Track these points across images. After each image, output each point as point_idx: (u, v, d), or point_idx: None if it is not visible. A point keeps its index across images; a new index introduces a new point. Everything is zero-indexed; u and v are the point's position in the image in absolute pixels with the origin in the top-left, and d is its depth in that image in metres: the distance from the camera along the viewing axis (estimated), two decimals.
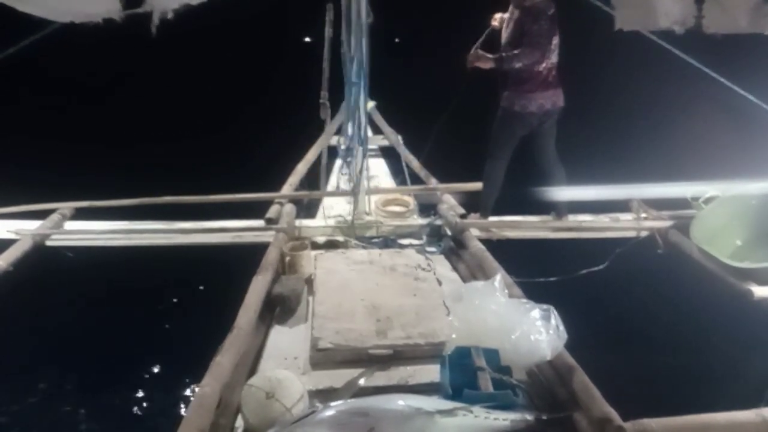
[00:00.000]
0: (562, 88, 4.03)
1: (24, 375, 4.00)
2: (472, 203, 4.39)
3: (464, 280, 3.46)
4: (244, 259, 3.60)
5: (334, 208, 4.43)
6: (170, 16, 2.35)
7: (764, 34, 2.55)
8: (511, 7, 4.02)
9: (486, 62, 3.95)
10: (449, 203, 4.43)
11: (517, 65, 3.88)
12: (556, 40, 3.93)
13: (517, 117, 4.00)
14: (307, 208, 4.42)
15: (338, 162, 4.96)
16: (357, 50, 3.64)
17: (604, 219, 4.41)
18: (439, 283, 3.31)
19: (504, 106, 4.05)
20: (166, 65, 9.11)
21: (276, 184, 4.69)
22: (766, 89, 3.21)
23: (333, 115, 4.67)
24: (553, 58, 3.94)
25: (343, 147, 4.37)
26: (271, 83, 9.19)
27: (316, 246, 3.84)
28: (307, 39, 3.70)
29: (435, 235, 4.11)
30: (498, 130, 4.11)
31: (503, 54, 3.92)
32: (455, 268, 3.64)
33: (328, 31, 3.69)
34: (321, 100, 3.70)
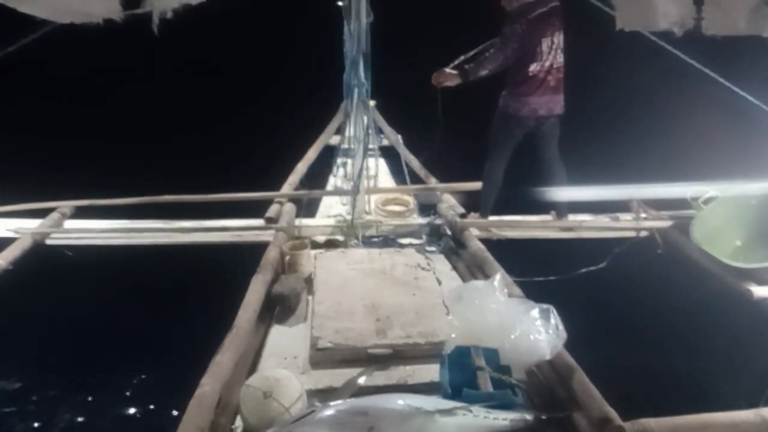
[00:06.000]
0: (562, 95, 3.99)
1: (23, 373, 4.00)
2: (471, 203, 4.39)
3: (464, 279, 3.46)
4: (243, 259, 3.60)
5: (333, 208, 4.43)
6: (169, 15, 2.36)
7: (762, 37, 2.55)
8: None
9: (452, 79, 3.91)
10: (449, 203, 4.44)
11: (483, 73, 3.84)
12: (548, 43, 3.84)
13: (511, 118, 3.99)
14: (307, 208, 4.42)
15: (338, 161, 4.96)
16: (358, 50, 3.65)
17: (603, 219, 4.41)
18: (439, 282, 3.31)
19: (500, 107, 4.04)
20: (165, 64, 9.10)
21: (276, 184, 4.69)
22: (765, 90, 3.21)
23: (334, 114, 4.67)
24: (550, 61, 3.86)
25: (344, 146, 4.38)
26: (271, 83, 9.19)
27: (315, 245, 3.85)
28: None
29: (435, 234, 4.12)
30: (495, 130, 4.11)
31: (466, 66, 3.89)
32: (455, 268, 3.64)
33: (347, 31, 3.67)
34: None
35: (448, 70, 3.94)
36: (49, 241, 3.98)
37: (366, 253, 3.71)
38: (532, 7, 3.81)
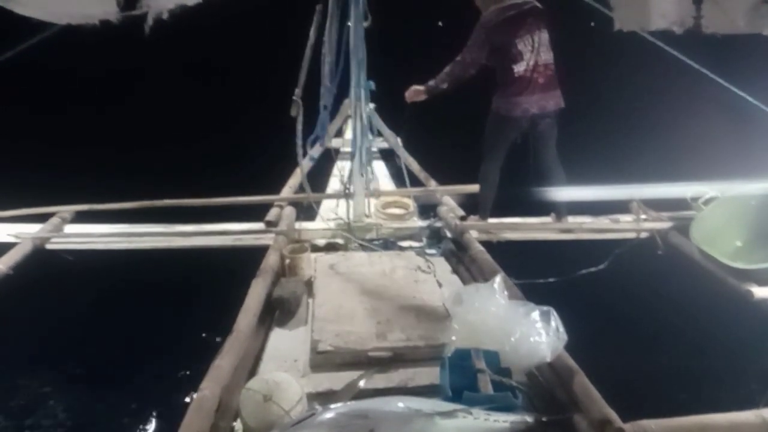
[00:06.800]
0: (555, 91, 3.96)
1: (23, 378, 3.99)
2: (471, 205, 4.39)
3: (464, 282, 3.46)
4: (244, 262, 3.60)
5: (333, 211, 4.43)
6: (165, 16, 2.36)
7: (762, 35, 2.55)
8: None
9: (418, 94, 3.99)
10: (449, 205, 4.44)
11: (443, 86, 3.91)
12: (527, 42, 3.81)
13: (504, 120, 3.98)
14: (307, 211, 4.42)
15: (338, 164, 4.97)
16: (359, 52, 3.66)
17: (603, 220, 4.40)
18: (439, 285, 3.32)
19: (492, 109, 4.04)
20: (165, 67, 9.12)
21: (276, 187, 4.69)
22: (765, 90, 3.20)
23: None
24: (534, 59, 3.83)
25: (344, 150, 4.38)
26: (271, 85, 9.20)
27: (315, 248, 3.84)
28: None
29: (435, 237, 4.11)
30: (489, 132, 4.10)
31: (428, 83, 3.96)
32: (455, 270, 3.64)
33: (313, 33, 3.70)
34: (294, 97, 3.68)
35: (415, 86, 4.01)
36: (49, 246, 3.98)
37: (366, 256, 3.71)
38: (502, 11, 3.81)
